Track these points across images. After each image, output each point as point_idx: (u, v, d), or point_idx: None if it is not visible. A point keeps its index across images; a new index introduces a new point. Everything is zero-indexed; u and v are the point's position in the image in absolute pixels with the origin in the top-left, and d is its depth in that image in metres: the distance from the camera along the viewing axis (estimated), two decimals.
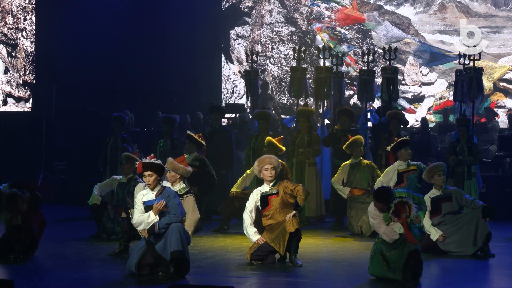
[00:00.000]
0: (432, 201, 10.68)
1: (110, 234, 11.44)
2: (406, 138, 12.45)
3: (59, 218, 13.84)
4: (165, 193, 8.85)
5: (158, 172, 8.84)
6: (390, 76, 14.53)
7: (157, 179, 8.86)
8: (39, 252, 10.07)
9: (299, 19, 19.69)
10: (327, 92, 14.79)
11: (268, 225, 9.82)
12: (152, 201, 8.79)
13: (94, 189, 11.44)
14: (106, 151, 14.62)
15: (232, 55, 20.05)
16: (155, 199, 8.79)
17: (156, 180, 8.84)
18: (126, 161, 11.66)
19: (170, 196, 8.84)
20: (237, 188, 12.24)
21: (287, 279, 9.09)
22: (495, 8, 18.74)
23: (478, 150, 13.55)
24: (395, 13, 19.23)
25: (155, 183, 8.84)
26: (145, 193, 8.90)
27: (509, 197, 14.75)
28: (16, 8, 19.92)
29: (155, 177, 8.82)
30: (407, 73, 19.05)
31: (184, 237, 8.78)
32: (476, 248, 10.53)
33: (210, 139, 13.85)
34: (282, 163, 11.40)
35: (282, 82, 19.39)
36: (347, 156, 12.81)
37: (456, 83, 14.54)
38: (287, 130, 16.07)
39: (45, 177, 16.61)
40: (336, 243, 11.52)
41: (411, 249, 8.54)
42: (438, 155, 15.47)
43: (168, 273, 8.78)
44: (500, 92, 18.58)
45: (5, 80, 19.93)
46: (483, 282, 9.24)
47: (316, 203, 13.40)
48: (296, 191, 9.71)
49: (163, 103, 17.88)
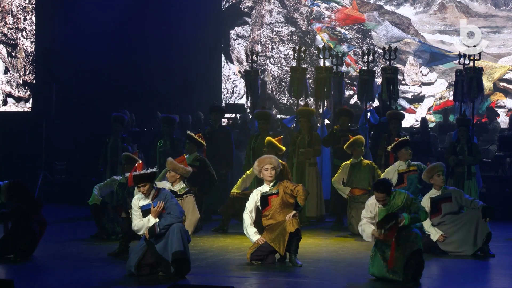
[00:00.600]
0: (432, 202, 10.68)
1: (110, 234, 11.45)
2: (406, 138, 12.45)
3: (59, 218, 13.84)
4: (161, 195, 8.83)
5: (150, 180, 8.81)
6: (390, 76, 14.53)
7: (151, 186, 8.84)
8: (39, 252, 10.08)
9: (299, 19, 19.69)
10: (327, 92, 14.79)
11: (268, 225, 9.82)
12: (149, 205, 8.78)
13: (94, 189, 11.44)
14: (106, 151, 14.62)
15: (232, 55, 20.05)
16: (152, 202, 8.78)
17: (150, 187, 8.82)
18: (126, 161, 11.65)
19: (167, 197, 8.84)
20: (237, 189, 12.23)
21: (287, 279, 9.09)
22: (495, 8, 18.74)
23: (478, 150, 13.54)
24: (395, 13, 19.24)
25: (150, 190, 8.82)
26: (141, 197, 8.87)
27: (509, 197, 14.75)
28: (16, 8, 19.92)
29: (148, 185, 8.79)
30: (407, 73, 19.06)
31: (185, 237, 8.78)
32: (476, 248, 10.53)
33: (210, 139, 13.85)
34: (282, 163, 11.40)
35: (282, 82, 19.39)
36: (347, 156, 12.80)
37: (456, 83, 14.54)
38: (287, 130, 16.07)
39: (45, 177, 16.60)
40: (336, 243, 11.52)
41: (413, 249, 8.53)
42: (438, 155, 15.47)
43: (168, 273, 8.79)
44: (500, 92, 18.58)
45: (5, 80, 19.93)
46: (483, 282, 9.24)
47: (316, 203, 13.40)
48: (296, 191, 9.71)
49: (163, 103, 17.88)
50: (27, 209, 9.93)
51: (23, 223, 9.89)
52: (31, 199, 10.24)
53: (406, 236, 8.62)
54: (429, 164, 11.07)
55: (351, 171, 12.49)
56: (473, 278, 9.28)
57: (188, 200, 9.84)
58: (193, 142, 12.78)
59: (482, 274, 9.66)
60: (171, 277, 8.70)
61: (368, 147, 14.04)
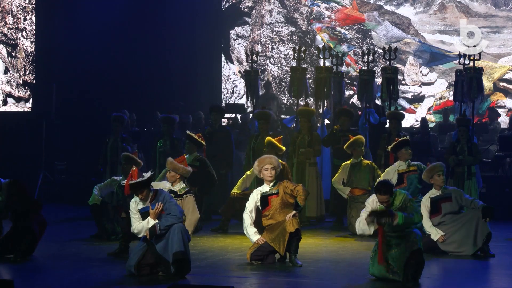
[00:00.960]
0: (432, 202, 10.68)
1: (110, 234, 11.45)
2: (406, 138, 12.45)
3: (59, 218, 13.84)
4: (160, 196, 8.83)
5: (147, 185, 8.80)
6: (390, 76, 14.53)
7: (148, 190, 8.82)
8: (39, 252, 10.07)
9: (299, 19, 19.69)
10: (327, 92, 14.80)
11: (268, 225, 9.82)
12: (147, 207, 8.77)
13: (94, 189, 11.43)
14: (106, 151, 14.62)
15: (232, 55, 20.05)
16: (150, 204, 8.77)
17: (147, 192, 8.81)
18: (125, 162, 11.65)
19: (166, 198, 8.83)
20: (238, 189, 12.23)
21: (287, 279, 9.08)
22: (495, 8, 18.74)
23: (478, 150, 13.55)
24: (395, 13, 19.24)
25: (147, 194, 8.81)
26: (139, 200, 8.86)
27: (509, 197, 14.75)
28: (16, 8, 19.92)
29: (146, 191, 8.79)
30: (407, 73, 19.05)
31: (185, 238, 8.78)
32: (476, 248, 10.53)
33: (210, 139, 13.85)
34: (282, 163, 11.40)
35: (282, 82, 19.38)
36: (347, 156, 12.80)
37: (456, 83, 14.54)
38: (287, 130, 16.07)
39: (45, 177, 16.60)
40: (336, 243, 11.52)
41: (413, 249, 8.53)
42: (438, 155, 15.47)
43: (168, 273, 8.78)
44: (500, 92, 18.58)
45: (5, 80, 19.93)
46: (483, 282, 9.23)
47: (316, 203, 13.40)
48: (296, 191, 9.71)
49: (163, 103, 17.88)
50: (25, 209, 9.94)
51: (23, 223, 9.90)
52: (30, 199, 10.24)
53: (406, 236, 8.62)
54: (429, 164, 11.07)
55: (351, 171, 12.49)
56: (473, 278, 9.28)
57: (188, 200, 9.83)
58: (192, 142, 12.77)
59: (482, 274, 9.66)
60: (171, 277, 8.69)
61: (368, 147, 14.04)
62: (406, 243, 8.59)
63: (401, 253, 8.58)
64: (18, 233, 9.87)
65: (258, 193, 9.91)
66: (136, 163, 11.69)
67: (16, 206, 9.93)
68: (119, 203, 11.47)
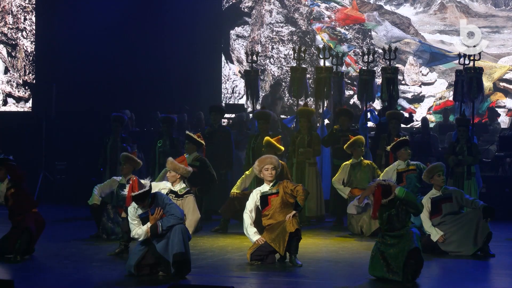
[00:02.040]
0: (433, 202, 10.68)
1: (110, 234, 11.45)
2: (405, 138, 12.47)
3: (59, 218, 13.85)
4: (158, 200, 8.81)
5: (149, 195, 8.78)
6: (390, 76, 14.53)
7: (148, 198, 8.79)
8: (39, 252, 10.08)
9: (299, 19, 19.69)
10: (327, 92, 14.79)
11: (268, 225, 9.82)
12: (147, 212, 8.76)
13: (94, 189, 11.44)
14: (106, 151, 14.62)
15: (232, 55, 20.05)
16: (149, 209, 8.76)
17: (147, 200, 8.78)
18: (124, 162, 11.65)
19: (165, 200, 8.83)
20: (237, 189, 12.22)
21: (287, 279, 9.09)
22: (495, 8, 18.74)
23: (478, 150, 13.55)
24: (395, 13, 19.24)
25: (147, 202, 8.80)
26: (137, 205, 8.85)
27: (509, 197, 14.75)
28: (16, 8, 19.92)
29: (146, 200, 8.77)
30: (407, 73, 19.06)
31: (186, 238, 8.77)
32: (476, 248, 10.53)
33: (209, 139, 13.85)
34: (281, 163, 11.40)
35: (282, 82, 19.38)
36: (347, 156, 12.80)
37: (456, 83, 14.54)
38: (287, 130, 16.07)
39: (45, 177, 16.60)
40: (336, 243, 11.51)
41: (411, 248, 8.53)
42: (438, 155, 15.47)
43: (168, 273, 8.79)
44: (500, 92, 18.58)
45: (5, 80, 19.93)
46: (483, 282, 9.23)
47: (316, 203, 13.40)
48: (296, 191, 9.71)
49: (163, 103, 17.88)
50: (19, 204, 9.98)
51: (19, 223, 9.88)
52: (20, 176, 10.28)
53: (404, 235, 8.63)
54: (429, 164, 11.08)
55: (351, 171, 12.50)
56: (473, 278, 9.27)
57: (189, 200, 9.83)
58: (192, 142, 12.77)
59: (482, 274, 9.65)
60: (171, 277, 8.70)
61: (368, 147, 14.04)
62: (404, 242, 8.59)
63: (399, 252, 8.57)
64: (15, 233, 9.86)
65: (258, 193, 9.91)
66: (136, 163, 11.72)
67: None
68: (119, 203, 11.48)
